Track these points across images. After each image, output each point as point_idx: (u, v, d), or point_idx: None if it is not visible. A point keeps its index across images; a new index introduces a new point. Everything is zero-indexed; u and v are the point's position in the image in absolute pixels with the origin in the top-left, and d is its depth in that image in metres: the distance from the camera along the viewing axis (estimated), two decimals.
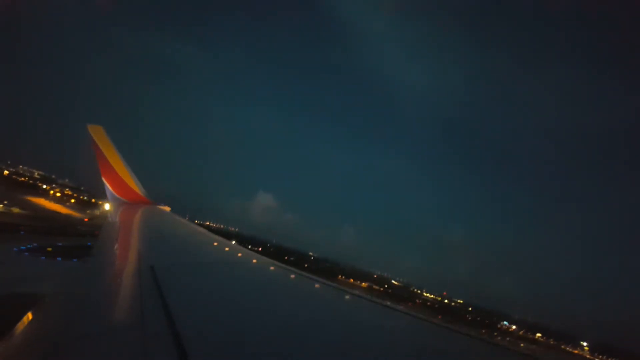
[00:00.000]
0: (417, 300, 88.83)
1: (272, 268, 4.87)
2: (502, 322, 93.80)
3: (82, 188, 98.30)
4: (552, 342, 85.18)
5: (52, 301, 3.01)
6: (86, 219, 52.37)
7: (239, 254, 5.56)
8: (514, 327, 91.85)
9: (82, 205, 69.84)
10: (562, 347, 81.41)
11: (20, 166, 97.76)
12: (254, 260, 5.19)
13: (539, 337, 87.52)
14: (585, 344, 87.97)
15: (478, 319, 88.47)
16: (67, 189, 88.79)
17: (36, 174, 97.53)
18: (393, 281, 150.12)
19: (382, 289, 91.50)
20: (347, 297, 3.93)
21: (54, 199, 66.45)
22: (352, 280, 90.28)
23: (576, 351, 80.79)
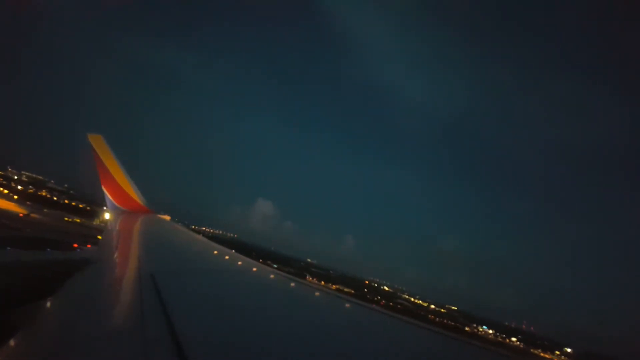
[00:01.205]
0: (383, 302, 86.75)
1: (272, 276, 5.07)
2: (480, 327, 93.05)
3: (71, 191, 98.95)
4: (521, 345, 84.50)
5: (54, 307, 3.01)
6: (21, 214, 52.42)
7: (239, 262, 5.79)
8: (490, 331, 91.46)
9: (40, 204, 67.03)
10: (531, 350, 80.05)
11: (9, 168, 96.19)
12: (254, 269, 5.42)
13: (513, 340, 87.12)
14: (569, 350, 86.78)
15: (450, 322, 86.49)
16: (45, 190, 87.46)
17: (24, 176, 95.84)
18: (385, 287, 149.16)
19: (353, 291, 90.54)
20: (347, 305, 4.09)
21: (2, 196, 64.66)
22: (323, 282, 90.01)
23: (546, 355, 79.26)
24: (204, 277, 4.21)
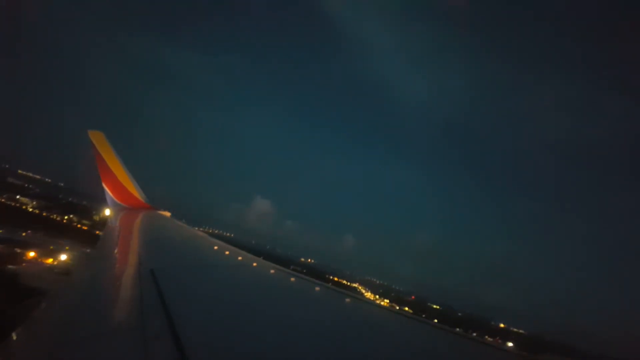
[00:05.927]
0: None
1: (272, 271, 5.01)
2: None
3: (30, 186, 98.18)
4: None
5: (54, 303, 3.02)
6: None
7: (239, 258, 5.74)
8: (423, 315, 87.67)
9: None
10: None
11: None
12: (254, 264, 5.37)
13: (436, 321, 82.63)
14: (510, 344, 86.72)
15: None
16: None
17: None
18: (355, 284, 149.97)
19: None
20: (347, 300, 4.08)
21: None
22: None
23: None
24: (204, 273, 4.25)
